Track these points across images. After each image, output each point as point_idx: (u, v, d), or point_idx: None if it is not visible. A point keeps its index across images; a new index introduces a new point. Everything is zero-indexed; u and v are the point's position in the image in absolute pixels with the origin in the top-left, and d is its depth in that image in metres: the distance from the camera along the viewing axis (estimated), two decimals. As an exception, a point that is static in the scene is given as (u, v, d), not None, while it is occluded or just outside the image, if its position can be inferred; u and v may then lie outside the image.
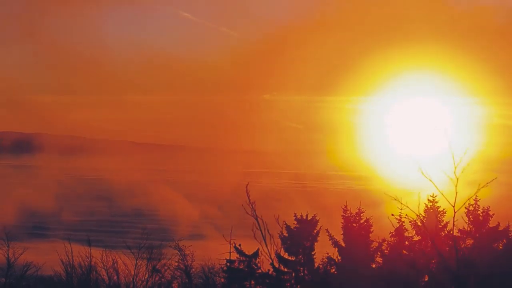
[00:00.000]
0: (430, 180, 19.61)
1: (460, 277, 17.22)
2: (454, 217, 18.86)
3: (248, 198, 17.90)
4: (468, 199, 20.08)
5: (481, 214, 40.84)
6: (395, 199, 20.64)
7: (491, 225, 41.32)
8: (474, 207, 40.59)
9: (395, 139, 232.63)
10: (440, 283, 19.15)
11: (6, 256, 51.21)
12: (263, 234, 17.80)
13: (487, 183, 19.89)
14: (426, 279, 37.62)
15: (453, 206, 19.19)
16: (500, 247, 41.11)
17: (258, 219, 17.63)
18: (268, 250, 17.75)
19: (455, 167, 19.23)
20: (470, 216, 40.44)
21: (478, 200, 40.72)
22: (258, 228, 17.84)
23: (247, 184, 18.25)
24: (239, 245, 43.06)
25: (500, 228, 41.48)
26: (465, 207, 39.78)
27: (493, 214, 41.41)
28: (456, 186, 19.30)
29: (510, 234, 41.38)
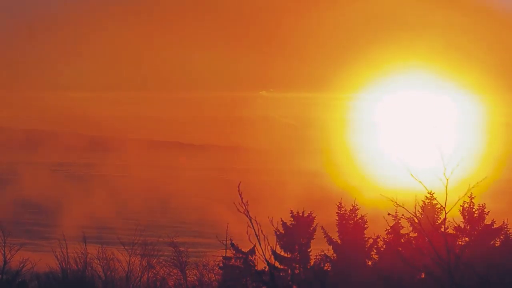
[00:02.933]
0: (420, 182, 19.62)
1: (454, 275, 17.25)
2: (445, 218, 18.87)
3: (241, 197, 17.75)
4: (459, 199, 20.08)
5: (476, 212, 40.79)
6: (391, 200, 20.61)
7: (486, 223, 41.29)
8: (469, 205, 40.55)
9: (392, 137, 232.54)
10: (435, 281, 19.10)
11: (3, 252, 51.10)
12: (257, 234, 17.68)
13: (477, 183, 19.89)
14: (422, 276, 37.63)
15: (444, 207, 19.21)
16: (496, 244, 41.08)
17: (252, 219, 17.50)
18: (262, 250, 17.65)
19: (445, 168, 19.24)
20: (465, 214, 40.42)
21: (473, 198, 40.64)
22: (252, 228, 17.70)
23: (239, 184, 18.08)
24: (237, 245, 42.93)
25: (496, 226, 41.45)
26: (460, 205, 39.70)
27: (489, 211, 41.36)
28: (446, 186, 19.30)
29: (508, 232, 41.31)
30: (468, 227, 40.03)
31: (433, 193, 36.90)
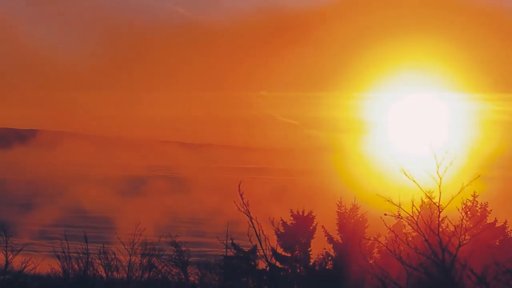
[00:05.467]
0: (413, 180, 19.74)
1: (451, 274, 17.34)
2: (439, 216, 19.03)
3: (241, 198, 17.81)
4: (452, 197, 20.24)
5: (478, 210, 40.77)
6: (388, 200, 20.73)
7: (488, 221, 41.33)
8: (472, 203, 40.52)
9: (392, 136, 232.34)
10: (432, 280, 19.26)
11: (4, 252, 51.11)
12: (258, 234, 17.76)
13: (471, 181, 20.00)
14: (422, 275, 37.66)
15: (438, 206, 19.33)
16: (497, 243, 41.14)
17: (253, 219, 17.56)
18: (263, 250, 17.74)
19: (438, 166, 19.38)
20: (468, 212, 40.38)
21: (477, 196, 40.65)
22: (253, 227, 17.78)
23: (240, 184, 18.10)
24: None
25: (498, 225, 41.49)
26: (463, 203, 39.69)
27: (491, 210, 41.37)
28: (440, 185, 19.45)
29: (506, 231, 41.39)
30: (470, 225, 40.05)
31: (431, 192, 36.96)
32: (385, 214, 22.29)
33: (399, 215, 22.55)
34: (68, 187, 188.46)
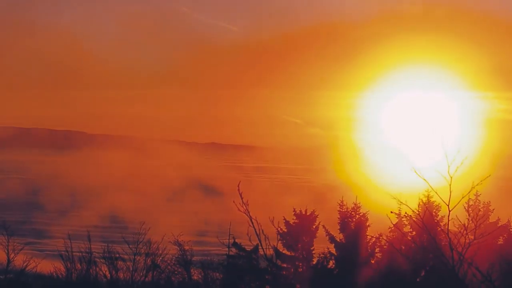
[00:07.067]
0: (424, 179, 19.69)
1: (457, 272, 17.32)
2: (449, 216, 18.99)
3: (241, 197, 17.77)
4: (463, 197, 20.23)
5: (481, 209, 40.77)
6: (395, 198, 20.68)
7: (491, 221, 41.34)
8: (475, 202, 40.53)
9: (394, 135, 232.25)
10: (438, 278, 19.27)
11: (6, 251, 51.12)
12: (258, 234, 17.74)
13: (481, 181, 19.99)
14: (423, 274, 37.65)
15: (448, 205, 19.33)
16: (501, 242, 41.13)
17: (252, 219, 17.51)
18: (264, 250, 17.72)
19: (449, 165, 19.36)
20: (470, 211, 40.33)
21: (479, 195, 40.66)
22: (253, 227, 17.75)
23: (239, 183, 18.04)
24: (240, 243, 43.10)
25: (501, 224, 41.51)
26: (465, 202, 39.67)
27: (494, 209, 41.41)
28: (450, 184, 19.43)
29: (511, 229, 41.39)
30: (473, 225, 40.00)
31: (430, 191, 36.90)
32: (391, 212, 22.24)
33: (406, 213, 22.52)
34: (81, 189, 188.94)
